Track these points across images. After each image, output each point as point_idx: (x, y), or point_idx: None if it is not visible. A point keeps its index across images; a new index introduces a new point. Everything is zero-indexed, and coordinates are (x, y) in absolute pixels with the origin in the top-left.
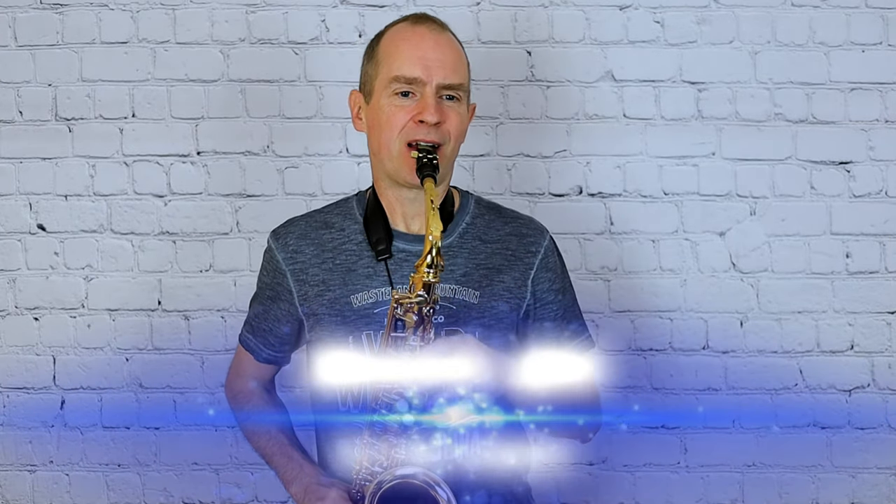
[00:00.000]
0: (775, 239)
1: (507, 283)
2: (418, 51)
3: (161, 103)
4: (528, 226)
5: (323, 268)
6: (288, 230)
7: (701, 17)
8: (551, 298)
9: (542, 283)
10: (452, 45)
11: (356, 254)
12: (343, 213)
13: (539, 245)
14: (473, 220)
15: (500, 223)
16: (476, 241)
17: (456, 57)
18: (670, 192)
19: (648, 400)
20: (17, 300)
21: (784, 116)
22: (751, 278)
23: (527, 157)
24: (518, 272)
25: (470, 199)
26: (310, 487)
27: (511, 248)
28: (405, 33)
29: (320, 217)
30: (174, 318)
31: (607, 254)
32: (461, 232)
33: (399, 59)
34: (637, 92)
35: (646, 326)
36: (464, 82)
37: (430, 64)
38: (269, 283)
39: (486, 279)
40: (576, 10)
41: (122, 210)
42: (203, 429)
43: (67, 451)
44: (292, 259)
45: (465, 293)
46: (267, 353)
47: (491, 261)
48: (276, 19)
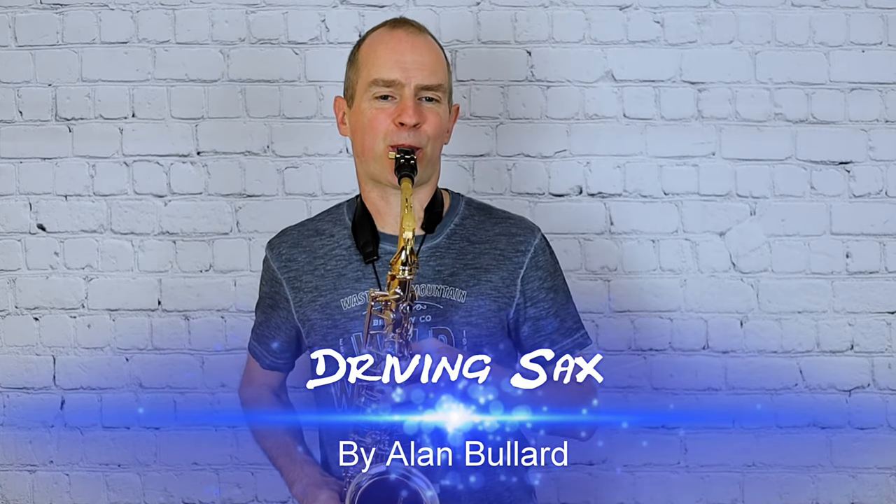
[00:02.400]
0: (775, 239)
1: (494, 283)
2: (395, 54)
3: (161, 103)
4: (518, 225)
5: (315, 274)
6: (281, 240)
7: (701, 17)
8: (542, 297)
9: (533, 282)
10: (430, 47)
11: (346, 258)
12: (333, 219)
13: (528, 244)
14: (462, 220)
15: (489, 224)
16: (464, 242)
17: (434, 59)
18: (670, 192)
19: (648, 400)
20: (17, 300)
21: (784, 116)
22: (751, 278)
23: (527, 157)
24: (506, 271)
25: (460, 200)
26: (307, 489)
27: (500, 248)
28: (383, 37)
29: (312, 225)
30: (174, 318)
31: (607, 254)
32: (449, 233)
33: (377, 63)
34: (637, 92)
35: (646, 326)
36: (443, 83)
37: (408, 66)
38: (267, 293)
39: (474, 279)
40: (576, 9)
41: (122, 210)
42: (203, 429)
43: (67, 451)
44: (286, 267)
45: (451, 293)
46: (270, 359)
47: (479, 261)
48: (276, 19)
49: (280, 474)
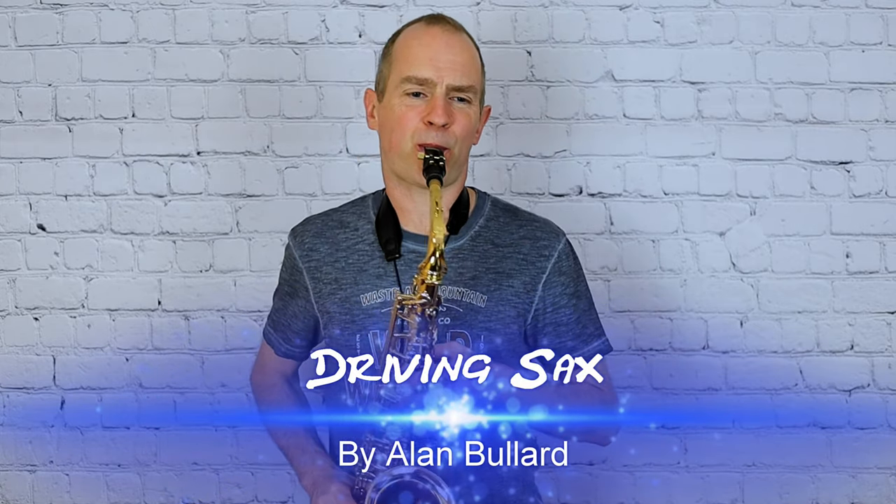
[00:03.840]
0: (775, 239)
1: (516, 288)
2: (430, 51)
3: (161, 103)
4: (543, 229)
5: (336, 266)
6: (305, 228)
7: (701, 17)
8: (564, 302)
9: (555, 287)
10: (465, 46)
11: (368, 254)
12: (358, 212)
13: (553, 249)
14: (487, 222)
15: (514, 226)
16: (488, 245)
17: (468, 59)
18: (670, 192)
19: (648, 400)
20: (17, 300)
21: (784, 116)
22: (751, 278)
23: (527, 157)
24: (529, 276)
25: (486, 200)
26: (317, 480)
27: (523, 252)
28: (418, 33)
29: (336, 216)
30: (174, 318)
31: (607, 254)
32: (473, 235)
33: (410, 60)
34: (637, 92)
35: (646, 326)
36: (475, 84)
37: (441, 65)
38: (287, 280)
39: (495, 283)
40: (576, 10)
41: (122, 210)
42: (203, 429)
43: (67, 451)
44: (308, 257)
45: (472, 296)
46: (285, 347)
47: (501, 265)
48: (276, 19)
49: (290, 463)
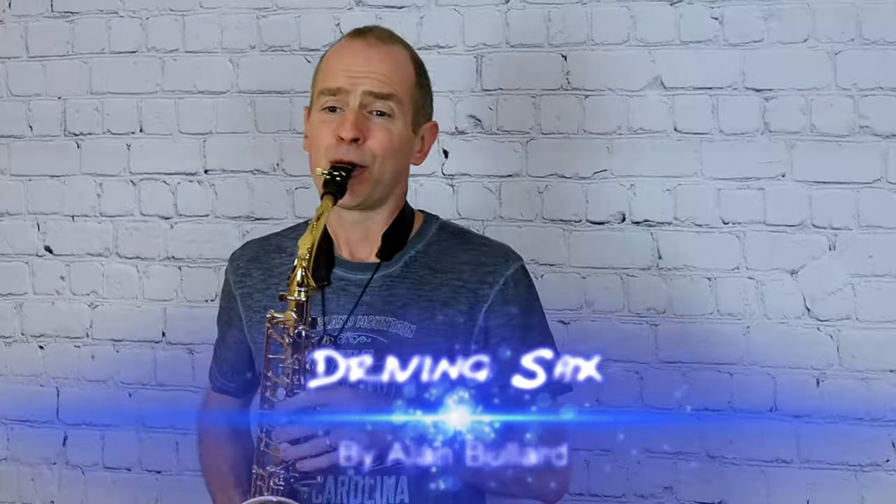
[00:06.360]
0: (860, 280)
1: (450, 318)
2: (344, 62)
3: (169, 117)
4: (490, 253)
5: (267, 294)
6: (242, 252)
7: (769, 12)
8: (509, 334)
9: (498, 318)
10: (389, 55)
11: None
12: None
13: (499, 275)
14: (428, 247)
15: (458, 251)
16: (424, 271)
17: (390, 68)
18: (730, 221)
19: (703, 471)
20: (24, 326)
21: (871, 130)
22: (829, 327)
23: (561, 179)
24: (467, 305)
25: (433, 224)
26: None
27: (463, 279)
28: (338, 47)
29: (276, 240)
30: (178, 352)
31: (654, 293)
32: (408, 260)
33: (326, 72)
34: (690, 101)
35: (700, 381)
36: (396, 93)
37: (356, 75)
38: (224, 307)
39: (427, 312)
40: (619, 6)
41: (128, 233)
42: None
43: (69, 491)
44: (241, 283)
45: (399, 326)
46: (220, 381)
47: (437, 292)
48: (287, 24)
49: None
